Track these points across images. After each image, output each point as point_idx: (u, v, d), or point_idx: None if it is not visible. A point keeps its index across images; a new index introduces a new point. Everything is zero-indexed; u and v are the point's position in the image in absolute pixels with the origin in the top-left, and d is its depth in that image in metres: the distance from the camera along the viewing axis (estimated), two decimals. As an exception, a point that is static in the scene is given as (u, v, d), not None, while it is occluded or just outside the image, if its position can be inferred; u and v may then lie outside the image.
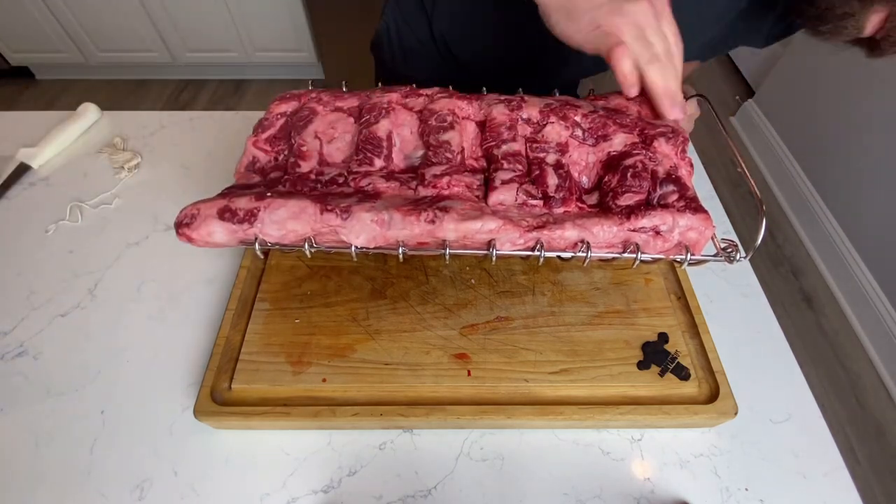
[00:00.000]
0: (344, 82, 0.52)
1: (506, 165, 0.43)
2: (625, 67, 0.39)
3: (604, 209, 0.42)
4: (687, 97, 0.50)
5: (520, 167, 0.43)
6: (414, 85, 0.50)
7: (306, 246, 0.40)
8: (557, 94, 0.51)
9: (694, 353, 0.49)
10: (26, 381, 0.49)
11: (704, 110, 0.49)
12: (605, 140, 0.45)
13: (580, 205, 0.44)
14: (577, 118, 0.46)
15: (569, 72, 0.68)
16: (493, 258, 0.40)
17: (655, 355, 0.47)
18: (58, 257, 0.58)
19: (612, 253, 0.41)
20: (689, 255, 0.41)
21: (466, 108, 0.48)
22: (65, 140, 0.72)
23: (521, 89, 0.50)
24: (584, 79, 0.74)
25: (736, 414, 0.44)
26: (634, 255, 0.40)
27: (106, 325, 0.52)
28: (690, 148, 0.52)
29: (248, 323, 0.49)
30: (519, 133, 0.46)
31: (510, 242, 0.40)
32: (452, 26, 0.67)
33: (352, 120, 0.48)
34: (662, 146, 0.44)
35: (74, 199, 0.65)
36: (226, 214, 0.39)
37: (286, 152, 0.47)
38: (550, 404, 0.45)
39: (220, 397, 0.45)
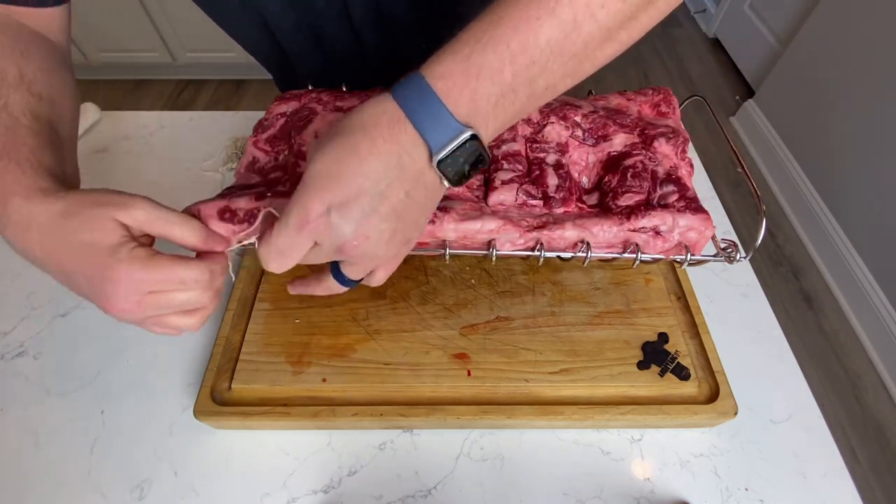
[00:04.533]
0: (344, 83, 0.52)
1: (506, 165, 0.43)
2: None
3: (604, 209, 0.42)
4: (682, 100, 0.49)
5: (520, 167, 0.43)
6: None
7: (306, 246, 0.40)
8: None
9: (694, 353, 0.49)
10: (26, 381, 0.49)
11: (704, 110, 0.49)
12: (605, 140, 0.45)
13: (580, 205, 0.44)
14: (578, 118, 0.46)
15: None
16: (493, 258, 0.40)
17: (655, 355, 0.47)
18: (58, 257, 0.58)
19: (612, 253, 0.41)
20: (689, 255, 0.41)
21: (466, 108, 0.48)
22: (65, 140, 0.72)
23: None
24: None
25: (736, 414, 0.44)
26: (634, 256, 0.40)
27: (106, 325, 0.52)
28: (690, 148, 0.52)
29: (248, 323, 0.49)
30: (519, 133, 0.46)
31: (510, 242, 0.40)
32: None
33: (352, 120, 0.48)
34: (662, 146, 0.44)
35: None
36: (226, 215, 0.38)
37: (286, 152, 0.47)
38: (550, 404, 0.45)
39: (219, 397, 0.45)
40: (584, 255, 0.40)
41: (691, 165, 0.45)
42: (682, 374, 0.46)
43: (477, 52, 0.27)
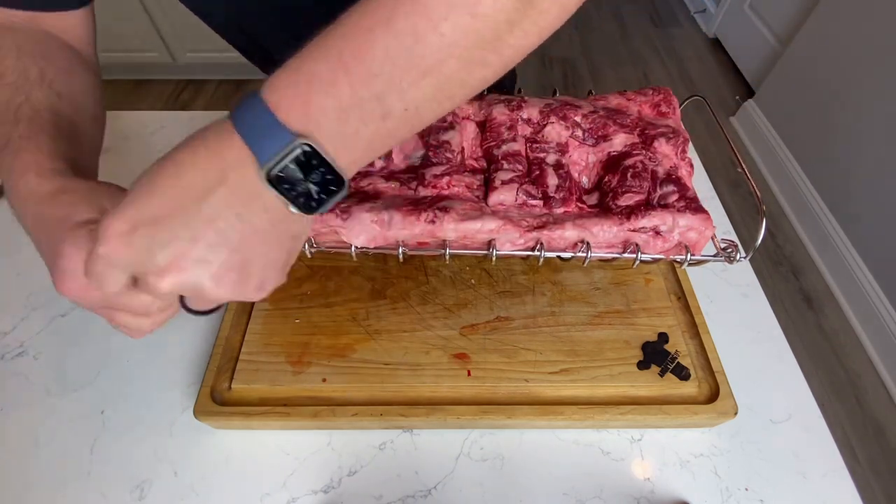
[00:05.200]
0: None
1: (506, 165, 0.43)
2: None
3: (604, 209, 0.42)
4: (682, 100, 0.49)
5: (520, 167, 0.44)
6: None
7: (306, 246, 0.40)
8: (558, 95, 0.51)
9: (694, 353, 0.49)
10: (26, 381, 0.49)
11: (704, 110, 0.49)
12: (605, 140, 0.45)
13: (580, 205, 0.44)
14: (578, 118, 0.46)
15: None
16: (493, 258, 0.40)
17: (655, 355, 0.47)
18: (58, 257, 0.58)
19: (612, 253, 0.42)
20: (689, 255, 0.41)
21: (466, 108, 0.48)
22: (65, 140, 0.72)
23: None
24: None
25: (736, 414, 0.44)
26: (634, 256, 0.40)
27: (106, 325, 0.52)
28: (690, 148, 0.52)
29: (248, 323, 0.49)
30: (519, 133, 0.46)
31: (510, 242, 0.40)
32: None
33: (352, 120, 0.48)
34: (662, 146, 0.44)
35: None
36: (226, 214, 0.38)
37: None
38: (550, 404, 0.45)
39: (220, 397, 0.45)
40: (584, 255, 0.40)
41: (691, 165, 0.45)
42: (682, 374, 0.46)
43: (307, 62, 0.25)
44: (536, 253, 0.40)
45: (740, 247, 0.43)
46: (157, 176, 0.25)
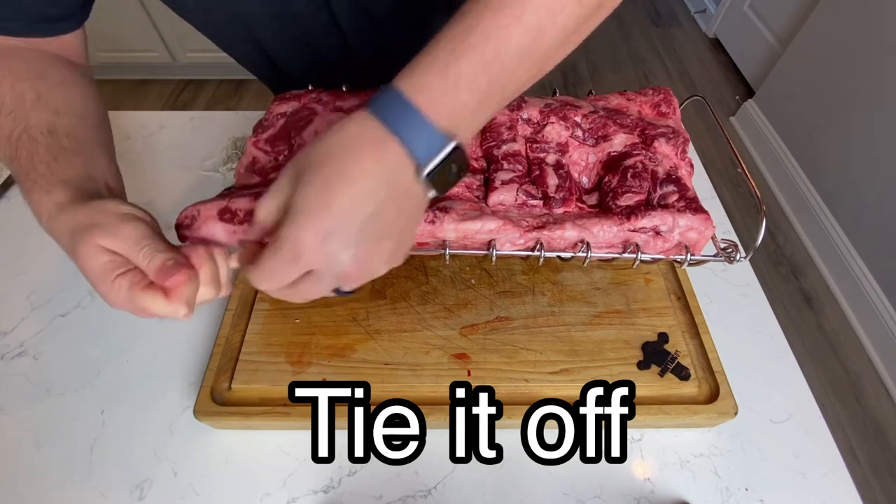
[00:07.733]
0: (335, 83, 0.52)
1: (506, 165, 0.43)
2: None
3: (604, 209, 0.42)
4: (682, 100, 0.49)
5: (520, 167, 0.43)
6: None
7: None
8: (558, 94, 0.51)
9: (694, 353, 0.49)
10: (26, 381, 0.49)
11: (704, 110, 0.49)
12: (605, 140, 0.45)
13: (580, 205, 0.44)
14: (578, 118, 0.46)
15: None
16: (493, 258, 0.40)
17: (655, 355, 0.47)
18: (58, 257, 0.58)
19: (612, 253, 0.42)
20: (689, 255, 0.41)
21: (466, 109, 0.48)
22: (65, 140, 0.71)
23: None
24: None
25: (736, 414, 0.44)
26: (634, 255, 0.40)
27: (106, 325, 0.52)
28: (690, 148, 0.52)
29: (248, 323, 0.49)
30: (519, 133, 0.46)
31: (510, 242, 0.40)
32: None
33: (352, 120, 0.48)
34: (663, 146, 0.44)
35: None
36: (226, 215, 0.38)
37: (286, 153, 0.47)
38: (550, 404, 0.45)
39: (220, 397, 0.45)
40: (584, 255, 0.40)
41: (691, 165, 0.45)
42: (682, 374, 0.46)
43: (452, 63, 0.27)
44: (536, 253, 0.40)
45: (740, 247, 0.43)
46: (331, 189, 0.27)
